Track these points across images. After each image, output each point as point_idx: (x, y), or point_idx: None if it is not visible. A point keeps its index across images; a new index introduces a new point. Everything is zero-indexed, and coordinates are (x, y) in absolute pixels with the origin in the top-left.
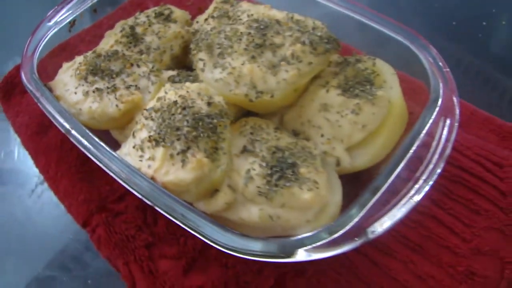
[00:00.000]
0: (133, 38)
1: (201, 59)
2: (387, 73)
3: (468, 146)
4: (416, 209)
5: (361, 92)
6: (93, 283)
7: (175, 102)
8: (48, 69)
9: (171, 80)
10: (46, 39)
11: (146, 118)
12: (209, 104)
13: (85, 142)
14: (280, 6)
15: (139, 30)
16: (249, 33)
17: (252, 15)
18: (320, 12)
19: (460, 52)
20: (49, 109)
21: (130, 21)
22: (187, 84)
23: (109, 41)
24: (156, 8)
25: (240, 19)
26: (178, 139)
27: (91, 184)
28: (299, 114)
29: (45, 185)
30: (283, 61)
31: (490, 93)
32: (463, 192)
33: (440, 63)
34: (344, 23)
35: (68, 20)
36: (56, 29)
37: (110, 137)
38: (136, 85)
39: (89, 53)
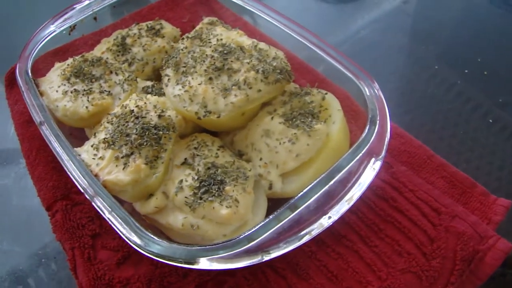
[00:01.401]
0: (122, 47)
1: (167, 75)
2: (333, 108)
3: (412, 189)
4: (342, 242)
5: (302, 123)
6: (46, 261)
7: (132, 111)
8: (50, 66)
9: (145, 90)
10: (46, 40)
11: (107, 122)
12: (159, 116)
13: (51, 136)
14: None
15: (129, 40)
16: (213, 56)
17: (221, 39)
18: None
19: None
20: (29, 101)
21: (125, 31)
22: (148, 96)
23: (102, 48)
24: (150, 22)
25: (210, 42)
26: (126, 144)
27: (61, 174)
28: (245, 136)
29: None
30: (235, 85)
31: (453, 139)
32: (392, 233)
33: (379, 105)
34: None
35: (68, 24)
36: (56, 32)
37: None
38: (109, 91)
39: (78, 57)
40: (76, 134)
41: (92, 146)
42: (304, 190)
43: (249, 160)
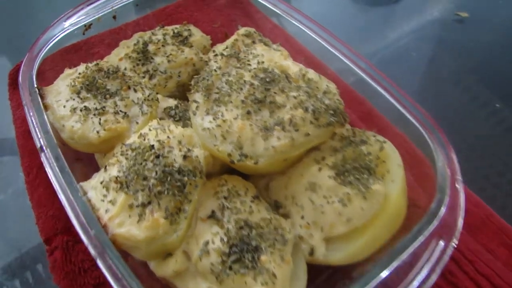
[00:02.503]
0: (143, 55)
1: (195, 101)
2: (393, 162)
3: (471, 259)
4: None
5: (356, 180)
6: None
7: (152, 147)
8: (58, 67)
9: (167, 112)
10: (57, 39)
11: (122, 154)
12: (184, 157)
13: (52, 166)
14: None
15: (151, 48)
16: (252, 84)
17: (262, 62)
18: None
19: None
20: (31, 119)
21: (147, 35)
22: (172, 127)
23: (120, 53)
24: (177, 26)
25: (249, 64)
26: (142, 190)
27: None
28: (285, 185)
29: None
30: (278, 125)
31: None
32: None
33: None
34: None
35: (83, 23)
36: (69, 31)
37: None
38: (125, 113)
39: (92, 64)
40: (84, 159)
41: (101, 183)
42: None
43: (288, 216)
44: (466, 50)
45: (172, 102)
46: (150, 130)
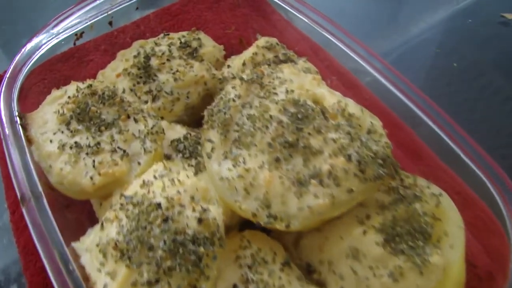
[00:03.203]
0: (145, 72)
1: (210, 140)
2: (451, 223)
3: None
4: None
5: (410, 249)
6: None
7: (158, 206)
8: (46, 80)
9: (174, 146)
10: (43, 51)
11: (121, 209)
12: (200, 220)
13: (36, 222)
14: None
15: (154, 62)
16: (281, 122)
17: (292, 91)
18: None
19: None
20: (11, 161)
21: (150, 45)
22: (182, 176)
23: (117, 67)
24: (185, 34)
25: (275, 93)
26: (148, 263)
27: None
28: (320, 246)
29: None
30: (315, 177)
31: None
32: None
33: None
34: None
35: (74, 31)
36: (56, 41)
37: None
38: (124, 150)
39: (84, 86)
40: (77, 204)
41: (97, 245)
42: None
43: (323, 284)
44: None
45: (180, 131)
46: (155, 178)
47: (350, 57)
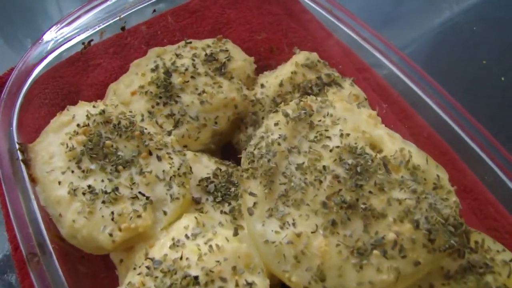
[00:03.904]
0: (166, 91)
1: (252, 194)
2: None
3: None
4: None
5: None
6: None
7: (195, 280)
8: (47, 89)
9: (203, 187)
10: (43, 64)
11: (148, 275)
12: None
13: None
14: None
15: (176, 80)
16: (337, 176)
17: (347, 135)
18: None
19: None
20: (14, 206)
21: (169, 55)
22: (220, 242)
23: (132, 82)
24: (210, 43)
25: (328, 137)
26: None
27: None
28: None
29: None
30: (377, 247)
31: None
32: None
33: None
34: None
35: (81, 39)
36: (61, 49)
37: None
38: (147, 197)
39: (96, 112)
40: (90, 259)
41: None
42: None
43: None
44: None
45: (207, 164)
46: (187, 238)
47: (401, 80)
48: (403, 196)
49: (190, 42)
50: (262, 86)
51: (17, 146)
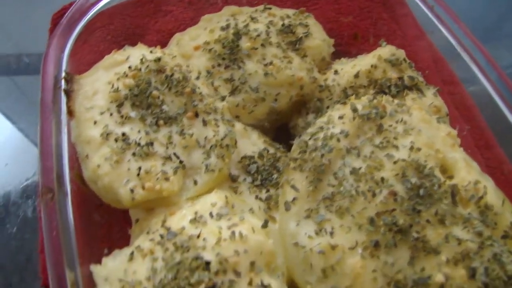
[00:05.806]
0: (231, 53)
1: (294, 187)
2: None
3: None
4: None
5: None
6: None
7: (207, 265)
8: (112, 25)
9: (244, 164)
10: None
11: (160, 243)
12: None
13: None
14: None
15: (245, 45)
16: (394, 193)
17: (418, 149)
18: None
19: None
20: (44, 135)
21: (244, 17)
22: (245, 230)
23: (198, 36)
24: (290, 13)
25: (395, 146)
26: None
27: None
28: None
29: None
30: (419, 286)
31: None
32: None
33: None
34: None
35: None
36: None
37: None
38: (181, 161)
39: (152, 58)
40: (107, 209)
41: (120, 281)
42: None
43: None
44: None
45: (256, 142)
46: (211, 216)
47: (493, 102)
48: (465, 236)
49: (270, 8)
50: (336, 72)
51: (63, 74)
